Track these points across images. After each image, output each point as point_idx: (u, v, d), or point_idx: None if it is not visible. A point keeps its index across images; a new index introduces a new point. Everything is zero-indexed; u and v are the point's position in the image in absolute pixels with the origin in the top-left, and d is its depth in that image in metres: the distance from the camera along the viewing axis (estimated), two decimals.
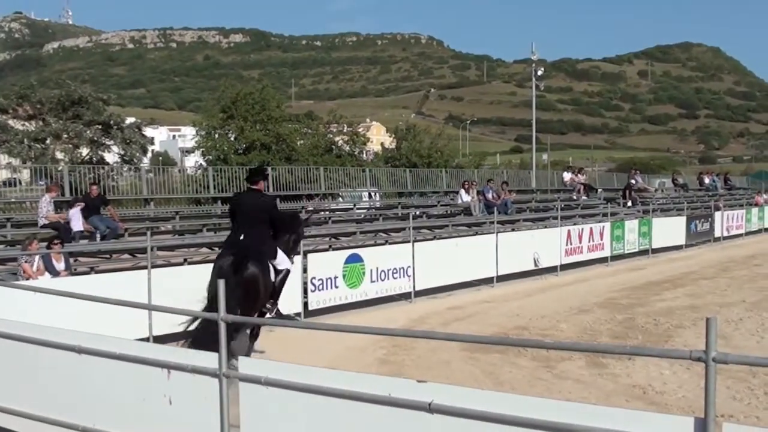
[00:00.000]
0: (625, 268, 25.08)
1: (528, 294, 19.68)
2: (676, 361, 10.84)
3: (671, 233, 29.81)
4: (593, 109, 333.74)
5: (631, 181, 36.89)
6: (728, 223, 35.40)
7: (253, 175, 11.24)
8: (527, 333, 14.38)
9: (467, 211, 28.46)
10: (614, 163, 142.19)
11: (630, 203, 34.15)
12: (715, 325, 3.75)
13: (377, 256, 17.59)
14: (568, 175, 38.03)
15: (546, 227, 25.44)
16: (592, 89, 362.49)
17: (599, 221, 27.20)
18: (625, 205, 33.81)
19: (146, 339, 11.43)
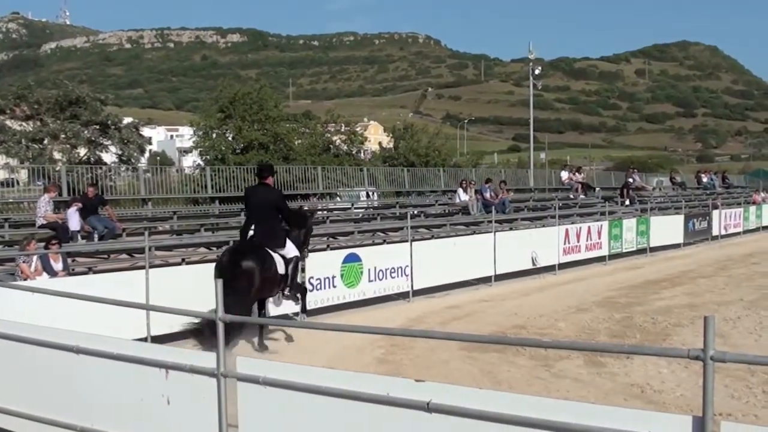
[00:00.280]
0: (623, 267, 25.08)
1: (526, 293, 19.68)
2: (675, 360, 10.84)
3: (669, 232, 29.82)
4: (591, 108, 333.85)
5: (629, 180, 36.93)
6: (726, 222, 35.44)
7: (262, 171, 12.82)
8: (525, 332, 14.38)
9: (465, 211, 28.46)
10: (612, 162, 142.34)
11: (628, 202, 34.18)
12: (713, 324, 3.75)
13: (375, 256, 17.58)
14: (566, 174, 38.06)
15: (544, 226, 25.44)
16: (590, 88, 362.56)
17: (597, 220, 27.19)
18: (623, 204, 33.83)
19: (144, 339, 11.42)
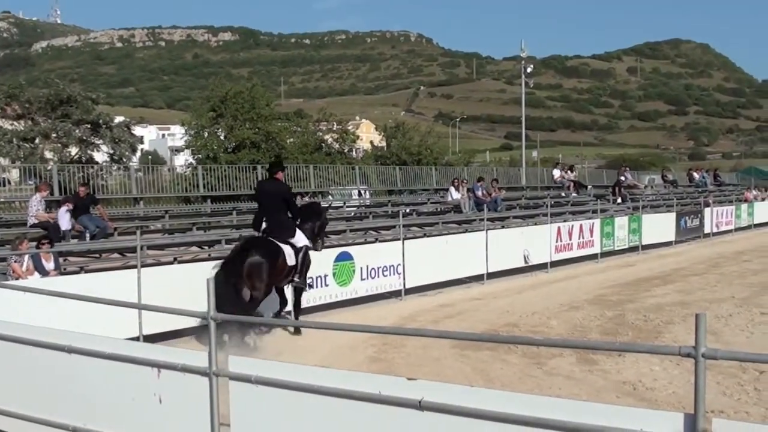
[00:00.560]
0: (615, 265, 25.11)
1: (518, 291, 19.70)
2: (666, 357, 10.84)
3: (661, 230, 29.88)
4: (583, 106, 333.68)
5: (621, 178, 37.01)
6: (718, 219, 35.53)
7: (273, 167, 13.85)
8: (517, 330, 14.39)
9: (457, 209, 28.50)
10: (604, 160, 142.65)
11: (620, 200, 34.25)
12: (705, 321, 3.76)
13: (367, 254, 17.59)
14: (558, 172, 38.12)
15: (536, 224, 25.47)
16: (582, 86, 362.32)
17: (589, 218, 27.23)
18: (615, 202, 33.90)
19: (136, 338, 11.39)
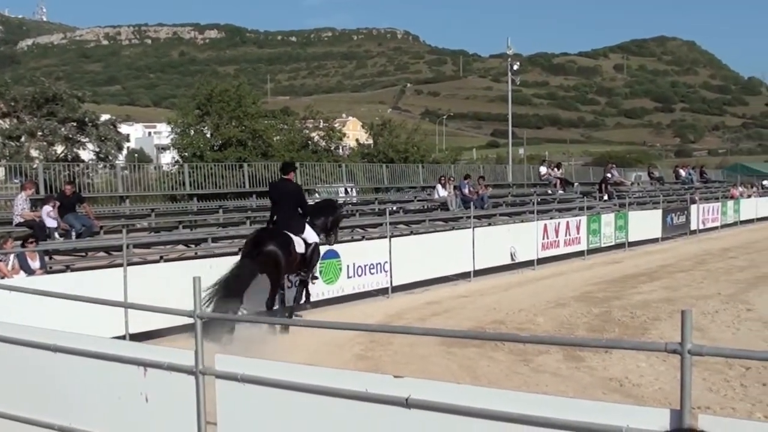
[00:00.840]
0: (602, 262, 25.19)
1: (505, 288, 19.73)
2: (653, 354, 10.88)
3: (647, 226, 29.99)
4: (569, 104, 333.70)
5: (608, 175, 37.09)
6: (704, 216, 35.66)
7: (285, 167, 14.75)
8: (504, 327, 14.43)
9: (444, 206, 28.51)
10: (590, 157, 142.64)
11: (606, 197, 34.32)
12: (691, 318, 3.76)
13: (354, 252, 17.65)
14: (545, 169, 38.16)
15: (522, 221, 25.56)
16: (568, 83, 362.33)
17: (576, 215, 27.32)
18: (602, 199, 33.97)
19: (122, 337, 11.37)
